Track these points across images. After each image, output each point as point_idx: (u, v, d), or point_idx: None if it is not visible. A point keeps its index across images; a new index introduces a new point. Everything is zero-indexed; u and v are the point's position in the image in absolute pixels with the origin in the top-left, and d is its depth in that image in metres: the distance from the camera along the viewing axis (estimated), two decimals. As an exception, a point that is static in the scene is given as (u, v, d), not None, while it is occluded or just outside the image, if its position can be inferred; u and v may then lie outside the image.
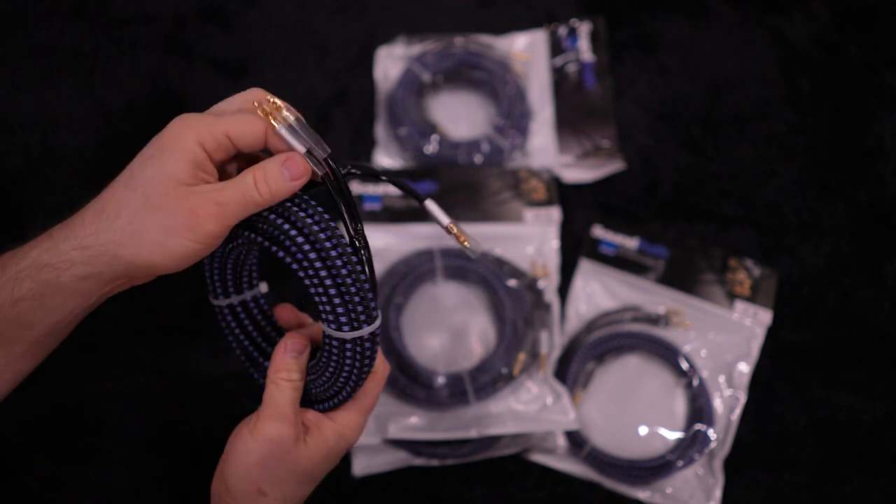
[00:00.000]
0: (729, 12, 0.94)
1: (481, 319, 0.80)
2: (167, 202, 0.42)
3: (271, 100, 0.44)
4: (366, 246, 0.46)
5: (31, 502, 0.72)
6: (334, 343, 0.47)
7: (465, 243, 0.47)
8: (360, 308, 0.45)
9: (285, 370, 0.49)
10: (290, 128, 0.44)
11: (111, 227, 0.42)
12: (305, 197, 0.45)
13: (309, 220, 0.44)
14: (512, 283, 0.78)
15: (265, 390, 0.49)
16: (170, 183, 0.42)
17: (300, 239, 0.44)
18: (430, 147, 0.86)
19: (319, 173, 0.45)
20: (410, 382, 0.74)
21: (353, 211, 0.46)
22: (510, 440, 0.74)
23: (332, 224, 0.45)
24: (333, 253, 0.44)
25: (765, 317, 0.79)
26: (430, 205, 0.48)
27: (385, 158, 0.87)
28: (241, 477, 0.48)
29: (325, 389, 0.50)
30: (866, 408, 0.77)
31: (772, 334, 0.79)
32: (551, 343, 0.78)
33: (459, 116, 0.90)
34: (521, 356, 0.76)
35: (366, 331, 0.46)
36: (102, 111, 0.88)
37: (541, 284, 0.80)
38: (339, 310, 0.45)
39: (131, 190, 0.43)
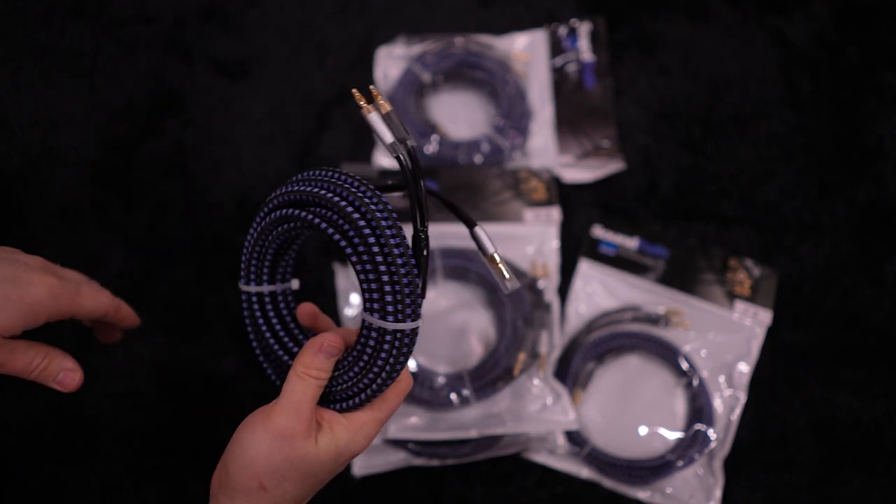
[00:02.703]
0: (729, 12, 0.94)
1: (481, 319, 0.80)
2: None
3: (372, 89, 0.47)
4: (427, 246, 0.46)
5: (31, 502, 0.72)
6: (373, 334, 0.46)
7: (508, 277, 0.49)
8: (408, 301, 0.45)
9: (315, 368, 0.48)
10: (382, 116, 0.47)
11: None
12: (376, 191, 0.46)
13: (373, 207, 0.44)
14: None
15: (286, 383, 0.48)
16: None
17: (362, 222, 0.44)
18: (430, 147, 0.85)
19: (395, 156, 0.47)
20: (410, 382, 0.74)
21: (423, 212, 0.46)
22: (510, 440, 0.74)
23: (395, 216, 0.45)
24: (393, 241, 0.44)
25: (765, 317, 0.79)
26: (479, 232, 0.50)
27: (385, 158, 0.87)
28: (245, 467, 0.46)
29: (348, 387, 0.49)
30: (866, 408, 0.77)
31: (772, 334, 0.79)
32: (551, 343, 0.78)
33: (459, 116, 0.90)
34: (521, 356, 0.76)
35: (408, 325, 0.46)
36: (102, 111, 0.88)
37: (541, 284, 0.80)
38: (388, 298, 0.45)
39: None
